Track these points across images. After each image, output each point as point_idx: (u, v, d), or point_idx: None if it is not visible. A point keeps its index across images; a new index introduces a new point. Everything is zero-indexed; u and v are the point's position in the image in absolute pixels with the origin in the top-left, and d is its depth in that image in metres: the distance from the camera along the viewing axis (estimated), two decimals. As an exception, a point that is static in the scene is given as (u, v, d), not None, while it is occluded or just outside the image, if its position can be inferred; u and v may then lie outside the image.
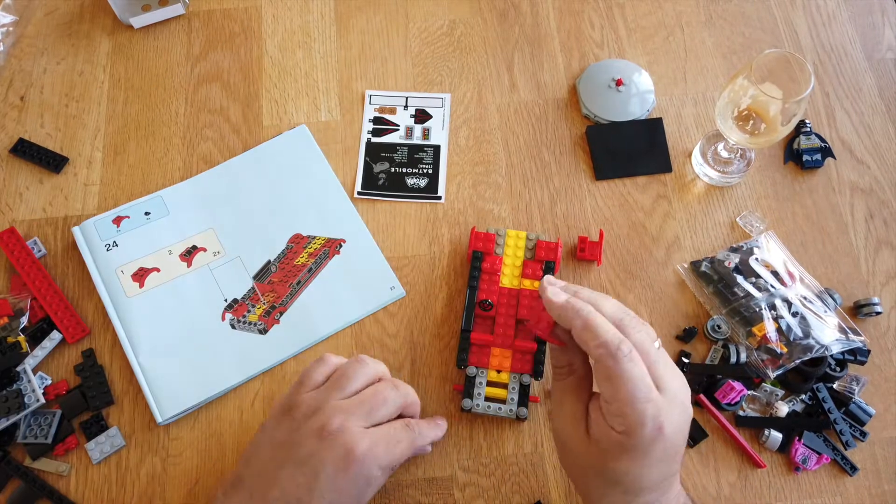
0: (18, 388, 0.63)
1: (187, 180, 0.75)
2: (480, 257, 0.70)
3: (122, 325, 0.68)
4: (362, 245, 0.73)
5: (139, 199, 0.74)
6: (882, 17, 0.85)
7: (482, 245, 0.70)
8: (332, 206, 0.74)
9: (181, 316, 0.69)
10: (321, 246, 0.72)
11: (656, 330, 0.69)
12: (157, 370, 0.67)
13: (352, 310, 0.70)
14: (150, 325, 0.69)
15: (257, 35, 0.83)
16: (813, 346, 0.65)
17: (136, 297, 0.70)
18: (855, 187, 0.76)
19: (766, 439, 0.65)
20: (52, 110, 0.79)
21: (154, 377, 0.66)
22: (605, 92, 0.79)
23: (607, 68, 0.80)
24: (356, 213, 0.74)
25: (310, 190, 0.75)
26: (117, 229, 0.72)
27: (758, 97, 0.65)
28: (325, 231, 0.73)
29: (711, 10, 0.85)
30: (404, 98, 0.80)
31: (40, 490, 0.62)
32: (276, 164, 0.76)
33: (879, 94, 0.81)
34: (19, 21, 0.83)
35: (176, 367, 0.67)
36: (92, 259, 0.71)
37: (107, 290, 0.70)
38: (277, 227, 0.73)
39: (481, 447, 0.65)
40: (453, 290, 0.71)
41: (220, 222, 0.73)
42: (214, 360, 0.67)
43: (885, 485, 0.64)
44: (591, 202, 0.75)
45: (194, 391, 0.66)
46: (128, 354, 0.67)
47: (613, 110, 0.78)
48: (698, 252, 0.73)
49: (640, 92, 0.79)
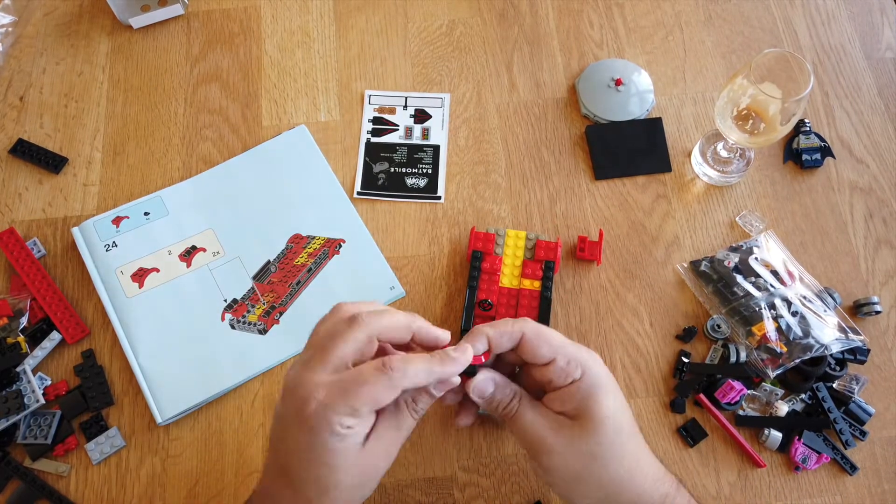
0: (18, 389, 0.63)
1: (187, 180, 0.75)
2: (480, 257, 0.70)
3: (121, 325, 0.68)
4: (362, 245, 0.73)
5: (138, 200, 0.74)
6: (881, 16, 0.85)
7: (482, 245, 0.70)
8: (331, 206, 0.74)
9: (181, 316, 0.69)
10: (321, 246, 0.72)
11: (657, 329, 0.70)
12: (157, 370, 0.67)
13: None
14: (150, 325, 0.69)
15: (256, 35, 0.83)
16: (812, 346, 0.65)
17: (136, 297, 0.70)
18: (854, 186, 0.76)
19: (766, 439, 0.65)
20: (52, 111, 0.79)
21: (154, 377, 0.66)
22: (604, 91, 0.79)
23: (607, 68, 0.80)
24: (355, 212, 0.74)
25: (309, 190, 0.75)
26: (117, 230, 0.72)
27: (757, 97, 0.65)
28: (325, 231, 0.73)
29: (711, 9, 0.85)
30: (404, 98, 0.80)
31: (40, 490, 0.62)
32: (275, 164, 0.76)
33: (879, 93, 0.81)
34: (18, 21, 0.83)
35: (175, 367, 0.67)
36: (91, 259, 0.71)
37: (106, 290, 0.70)
38: (277, 227, 0.73)
39: (481, 447, 0.65)
40: (453, 290, 0.71)
41: (219, 222, 0.73)
42: (214, 361, 0.67)
43: (885, 484, 0.65)
44: (591, 202, 0.75)
45: (194, 391, 0.66)
46: (127, 355, 0.67)
47: (613, 110, 0.78)
48: (698, 251, 0.73)
49: (640, 91, 0.79)
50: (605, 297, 0.71)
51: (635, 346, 0.69)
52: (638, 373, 0.68)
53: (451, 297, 0.71)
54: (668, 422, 0.66)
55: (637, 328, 0.70)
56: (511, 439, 0.65)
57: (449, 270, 0.72)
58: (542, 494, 0.64)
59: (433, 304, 0.71)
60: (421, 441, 0.66)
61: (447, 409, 0.66)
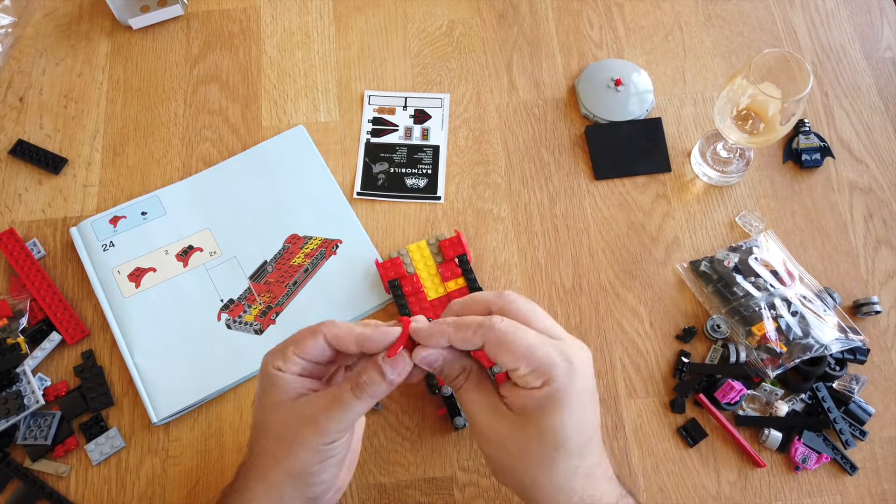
0: (18, 390, 0.63)
1: (184, 180, 0.75)
2: (398, 284, 0.69)
3: (118, 325, 0.68)
4: (359, 246, 0.73)
5: (135, 199, 0.74)
6: (881, 16, 0.85)
7: (393, 272, 0.69)
8: (328, 207, 0.74)
9: (177, 316, 0.69)
10: (318, 246, 0.72)
11: (656, 329, 0.70)
12: (153, 370, 0.67)
13: (348, 310, 0.70)
14: (147, 325, 0.69)
15: (256, 36, 0.83)
16: (812, 346, 0.65)
17: (133, 297, 0.70)
18: (854, 186, 0.76)
19: (766, 439, 0.65)
20: (52, 111, 0.79)
21: (149, 377, 0.66)
22: (604, 92, 0.79)
23: (606, 68, 0.80)
24: (353, 213, 0.74)
25: (307, 190, 0.75)
26: (114, 229, 0.72)
27: (757, 97, 0.65)
28: (322, 231, 0.73)
29: (710, 9, 0.85)
30: (403, 98, 0.80)
31: (40, 491, 0.62)
32: (273, 164, 0.76)
33: (878, 93, 0.81)
34: (18, 22, 0.83)
35: (171, 367, 0.67)
36: (89, 259, 0.71)
37: (103, 290, 0.70)
38: (274, 227, 0.73)
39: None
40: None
41: (216, 222, 0.73)
42: (210, 361, 0.67)
43: (885, 484, 0.64)
44: (591, 202, 0.75)
45: (190, 391, 0.66)
46: (124, 354, 0.67)
47: (612, 110, 0.78)
48: (697, 252, 0.73)
49: (639, 91, 0.79)
50: (604, 297, 0.71)
51: (635, 346, 0.69)
52: (638, 373, 0.68)
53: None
54: (668, 422, 0.66)
55: (637, 328, 0.70)
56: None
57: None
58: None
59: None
60: (421, 441, 0.66)
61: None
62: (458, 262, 0.69)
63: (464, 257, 0.69)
